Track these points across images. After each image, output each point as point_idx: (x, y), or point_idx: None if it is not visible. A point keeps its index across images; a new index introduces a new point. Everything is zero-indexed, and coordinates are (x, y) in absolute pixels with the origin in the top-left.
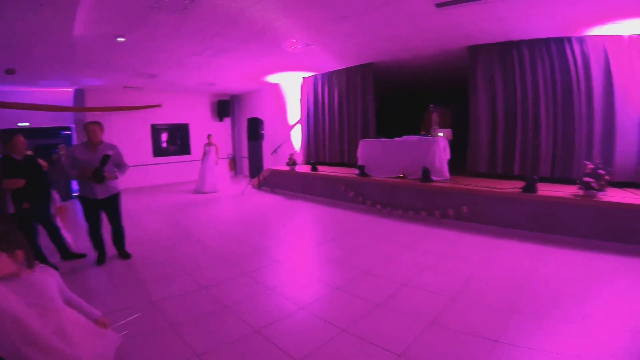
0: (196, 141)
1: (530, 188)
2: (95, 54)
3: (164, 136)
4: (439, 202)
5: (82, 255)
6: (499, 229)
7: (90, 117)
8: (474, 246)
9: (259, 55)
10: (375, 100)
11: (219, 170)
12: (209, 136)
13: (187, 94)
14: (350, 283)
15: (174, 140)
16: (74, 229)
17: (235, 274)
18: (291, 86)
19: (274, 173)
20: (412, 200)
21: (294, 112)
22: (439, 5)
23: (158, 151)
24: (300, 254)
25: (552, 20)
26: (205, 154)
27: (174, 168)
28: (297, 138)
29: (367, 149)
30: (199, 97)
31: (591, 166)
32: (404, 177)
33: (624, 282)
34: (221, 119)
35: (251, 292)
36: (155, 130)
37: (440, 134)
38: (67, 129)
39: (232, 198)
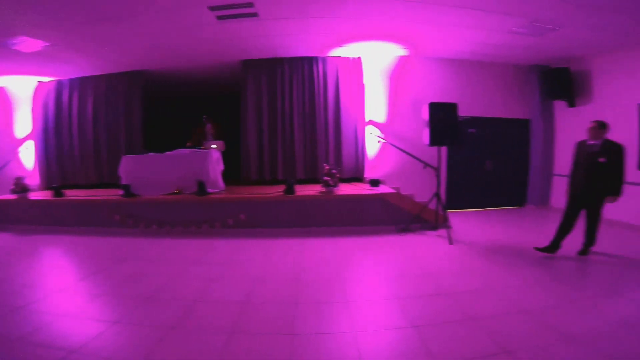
0: None
1: (289, 190)
2: None
3: None
4: (218, 213)
5: None
6: (272, 230)
7: None
8: (255, 249)
9: None
10: (145, 112)
11: None
12: None
13: None
14: (131, 313)
15: None
16: None
17: None
18: (23, 91)
19: None
20: (191, 215)
21: (24, 123)
22: (220, 17)
23: None
24: (52, 295)
25: (307, 41)
26: None
27: None
28: (29, 156)
29: (132, 166)
30: None
31: (327, 167)
32: (179, 192)
33: (367, 257)
34: None
35: None
36: None
37: (214, 146)
38: None
39: None
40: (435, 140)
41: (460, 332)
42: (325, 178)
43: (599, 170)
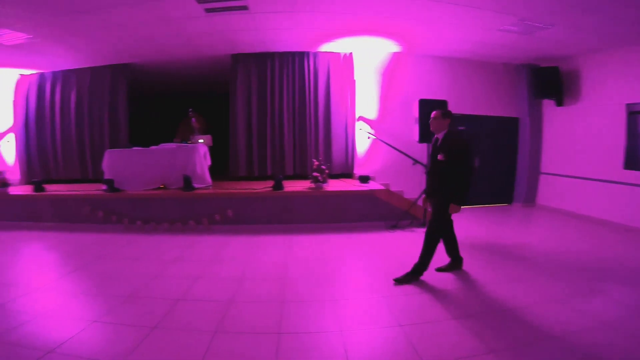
0: None
1: (278, 186)
2: None
3: None
4: (205, 209)
5: None
6: (260, 227)
7: None
8: (242, 246)
9: None
10: (130, 106)
11: None
12: None
13: None
14: (111, 312)
15: None
16: None
17: None
18: (3, 84)
19: None
20: (176, 211)
21: (4, 117)
22: (208, 10)
23: None
24: (30, 293)
25: (297, 35)
26: None
27: None
28: (9, 150)
29: (116, 161)
30: None
31: (317, 163)
32: (164, 187)
33: (356, 254)
34: None
35: None
36: None
37: (201, 141)
38: None
39: None
40: (424, 137)
41: (444, 331)
42: (315, 174)
43: (438, 170)
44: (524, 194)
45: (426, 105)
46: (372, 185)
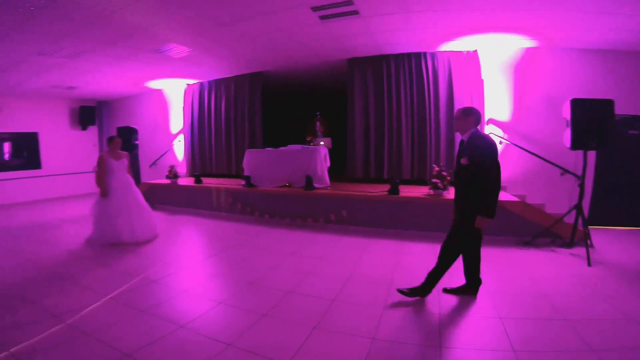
0: (50, 153)
1: (394, 190)
2: None
3: (6, 147)
4: (322, 208)
5: None
6: (371, 229)
7: None
8: (351, 247)
9: (133, 59)
10: (264, 109)
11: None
12: (112, 140)
13: (37, 99)
14: (234, 296)
15: (19, 152)
16: None
17: (97, 299)
18: (176, 93)
19: (153, 187)
20: (298, 208)
21: (177, 120)
22: (322, 17)
23: None
24: (180, 271)
25: (411, 36)
26: (106, 171)
27: (19, 185)
28: (180, 148)
29: (252, 159)
30: (53, 102)
31: (437, 169)
32: (289, 185)
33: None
34: (84, 128)
35: (118, 316)
36: None
37: (322, 143)
38: None
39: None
40: (579, 143)
41: None
42: (434, 180)
43: (462, 176)
44: None
45: (582, 106)
46: (502, 196)
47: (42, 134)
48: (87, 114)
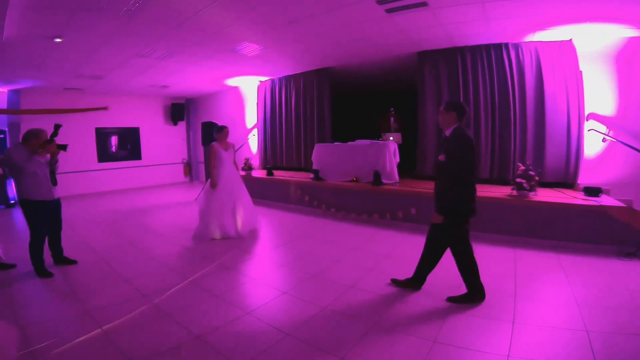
0: (148, 146)
1: None
2: (29, 54)
3: (114, 140)
4: (390, 204)
5: (12, 266)
6: None
7: (26, 120)
8: (418, 247)
9: (212, 58)
10: (332, 104)
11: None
12: (221, 130)
13: (138, 97)
14: (297, 287)
15: (124, 145)
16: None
17: (179, 281)
18: (250, 89)
19: None
20: (364, 203)
21: (252, 115)
22: (388, 10)
23: (104, 156)
24: (250, 260)
25: (490, 27)
26: (213, 164)
27: (123, 174)
28: (254, 142)
29: (321, 153)
30: (150, 100)
31: (522, 168)
32: (356, 180)
33: (559, 277)
34: (175, 123)
35: (195, 299)
36: (101, 134)
37: (391, 138)
38: (1, 132)
39: (184, 205)
40: None
41: None
42: (519, 180)
43: (440, 174)
44: None
45: None
46: (604, 200)
47: (143, 128)
48: (177, 110)
